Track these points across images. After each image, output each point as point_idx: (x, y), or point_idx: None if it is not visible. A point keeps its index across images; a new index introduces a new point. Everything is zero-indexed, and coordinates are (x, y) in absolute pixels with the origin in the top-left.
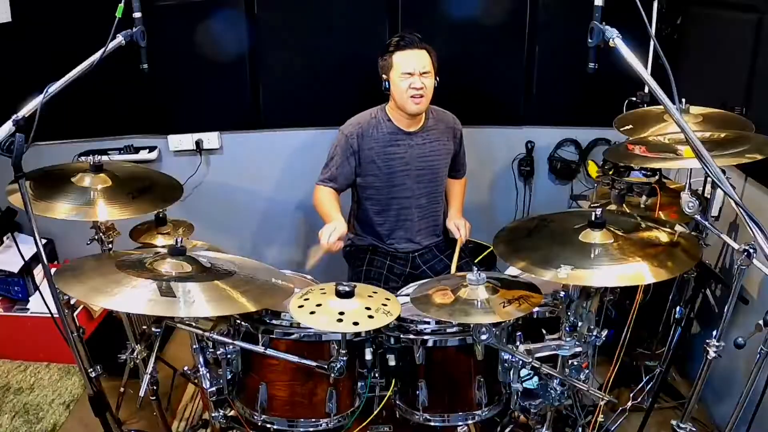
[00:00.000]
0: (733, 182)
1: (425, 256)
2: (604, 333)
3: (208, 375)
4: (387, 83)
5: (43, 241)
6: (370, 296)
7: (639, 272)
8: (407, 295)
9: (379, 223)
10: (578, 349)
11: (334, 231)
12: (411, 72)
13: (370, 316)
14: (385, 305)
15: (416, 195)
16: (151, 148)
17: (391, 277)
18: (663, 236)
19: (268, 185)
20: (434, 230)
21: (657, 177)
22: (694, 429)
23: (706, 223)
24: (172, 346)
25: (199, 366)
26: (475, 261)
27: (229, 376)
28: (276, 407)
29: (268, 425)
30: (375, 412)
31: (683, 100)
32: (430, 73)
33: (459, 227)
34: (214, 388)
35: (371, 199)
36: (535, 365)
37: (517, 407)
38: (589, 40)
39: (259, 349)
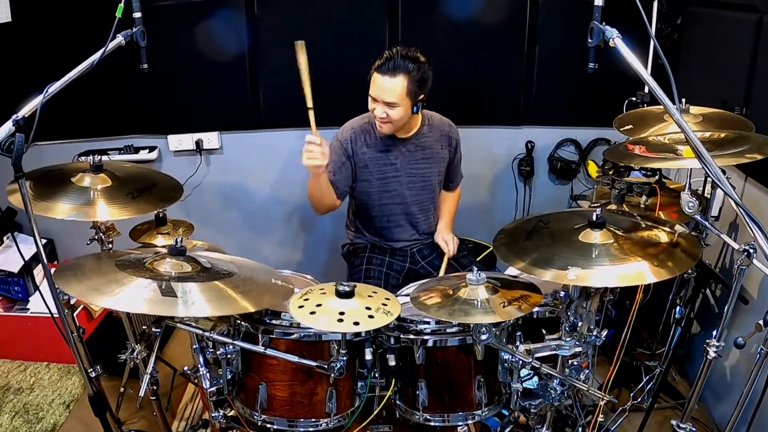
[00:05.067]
0: (733, 182)
1: (423, 251)
2: (604, 333)
3: (208, 375)
4: None
5: (43, 241)
6: (370, 296)
7: (639, 272)
8: (407, 295)
9: (374, 225)
10: (578, 349)
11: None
12: (375, 98)
13: (371, 316)
14: (385, 305)
15: (407, 202)
16: (151, 148)
17: (391, 274)
18: (663, 236)
19: (268, 185)
20: (427, 232)
21: (657, 177)
22: (694, 429)
23: (706, 223)
24: (172, 346)
25: (199, 366)
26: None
27: (229, 376)
28: (276, 407)
29: (268, 425)
30: (375, 412)
31: (683, 100)
32: (398, 104)
33: (447, 242)
34: (214, 388)
35: (366, 204)
36: (535, 365)
37: (517, 407)
38: (589, 40)
39: (259, 349)
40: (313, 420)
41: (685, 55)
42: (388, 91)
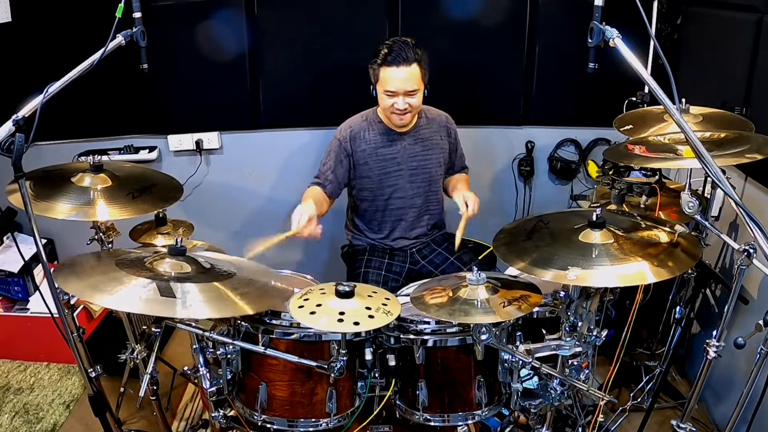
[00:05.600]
0: (733, 182)
1: (423, 251)
2: (604, 333)
3: (208, 375)
4: (375, 92)
5: (43, 241)
6: (369, 296)
7: (639, 272)
8: (407, 295)
9: (376, 223)
10: (578, 349)
11: (301, 214)
12: (395, 91)
13: (371, 316)
14: (385, 305)
15: (410, 195)
16: (151, 148)
17: (390, 276)
18: (663, 236)
19: (268, 185)
20: (431, 225)
21: (657, 177)
22: (694, 429)
23: (706, 223)
24: (172, 346)
25: (199, 366)
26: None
27: (229, 376)
28: (276, 407)
29: (268, 425)
30: (375, 412)
31: (683, 100)
32: (418, 91)
33: (467, 200)
34: (214, 388)
35: (367, 201)
36: (535, 365)
37: (517, 407)
38: (589, 40)
39: (259, 349)
40: (313, 420)
41: (685, 55)
42: (409, 80)
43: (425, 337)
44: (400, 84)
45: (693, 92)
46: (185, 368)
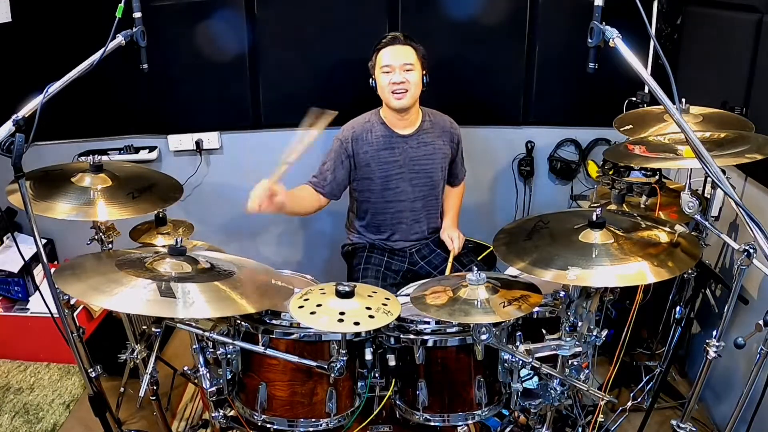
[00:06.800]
0: (733, 182)
1: (422, 251)
2: (604, 333)
3: (208, 375)
4: (374, 81)
5: (43, 241)
6: (369, 296)
7: (639, 272)
8: (407, 295)
9: (376, 224)
10: (578, 349)
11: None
12: (391, 65)
13: (371, 316)
14: (385, 305)
15: (411, 198)
16: (151, 148)
17: (389, 273)
18: (663, 236)
19: None
20: (431, 229)
21: (657, 177)
22: (694, 429)
23: (706, 223)
24: (172, 346)
25: (199, 366)
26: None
27: (229, 376)
28: (276, 407)
29: (268, 425)
30: (375, 412)
31: (683, 100)
32: (414, 67)
33: (453, 239)
34: (214, 388)
35: (367, 202)
36: (535, 365)
37: (517, 407)
38: (589, 40)
39: (259, 349)
40: (313, 420)
41: (685, 55)
42: (404, 55)
43: (425, 337)
44: (394, 58)
45: (693, 92)
46: (185, 368)
